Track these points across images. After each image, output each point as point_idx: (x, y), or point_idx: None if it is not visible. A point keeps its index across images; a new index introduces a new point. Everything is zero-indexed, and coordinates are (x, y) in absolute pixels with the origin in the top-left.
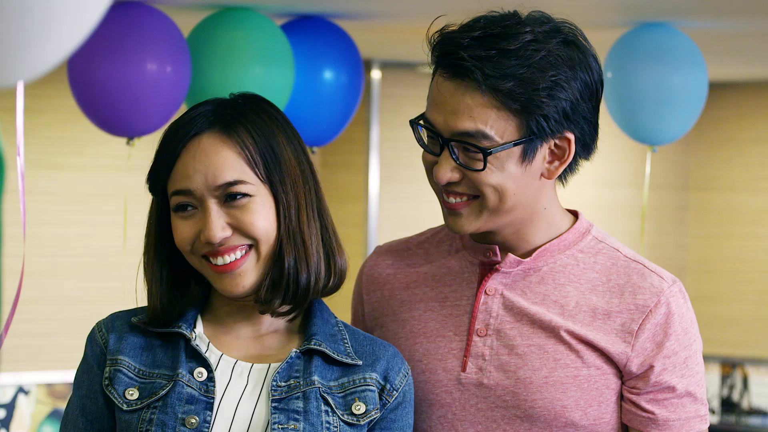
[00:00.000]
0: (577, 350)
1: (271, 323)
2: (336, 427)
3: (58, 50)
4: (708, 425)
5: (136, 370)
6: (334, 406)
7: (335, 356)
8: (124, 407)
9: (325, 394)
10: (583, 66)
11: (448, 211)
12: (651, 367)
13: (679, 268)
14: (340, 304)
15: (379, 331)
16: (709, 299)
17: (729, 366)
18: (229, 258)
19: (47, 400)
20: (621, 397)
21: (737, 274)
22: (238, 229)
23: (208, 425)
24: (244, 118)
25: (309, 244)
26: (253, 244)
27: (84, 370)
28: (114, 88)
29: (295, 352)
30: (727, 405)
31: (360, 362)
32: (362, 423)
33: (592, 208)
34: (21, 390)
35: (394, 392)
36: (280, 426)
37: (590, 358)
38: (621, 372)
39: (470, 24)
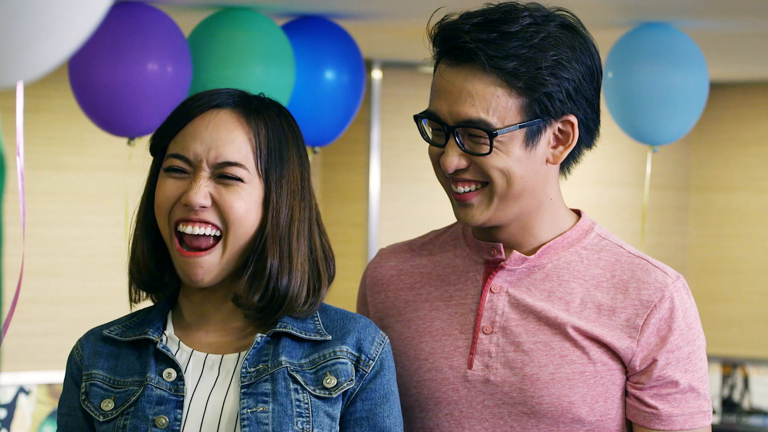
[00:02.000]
0: (583, 346)
1: (240, 315)
2: (306, 403)
3: (59, 50)
4: (711, 421)
5: (110, 381)
6: (303, 383)
7: (302, 335)
8: (101, 419)
9: (294, 373)
10: (584, 49)
11: (458, 202)
12: (654, 361)
13: (679, 268)
14: (341, 305)
15: (385, 332)
16: (709, 299)
17: (730, 366)
18: (198, 230)
19: (48, 400)
20: (626, 393)
21: (737, 274)
22: (217, 204)
23: (179, 423)
24: (266, 112)
25: (294, 256)
26: (222, 233)
27: (65, 389)
28: (115, 88)
29: (261, 337)
30: (728, 405)
31: (329, 337)
32: (334, 396)
33: (592, 208)
34: (22, 390)
35: (370, 362)
36: (249, 410)
37: (596, 354)
38: (626, 368)
39: (469, 12)
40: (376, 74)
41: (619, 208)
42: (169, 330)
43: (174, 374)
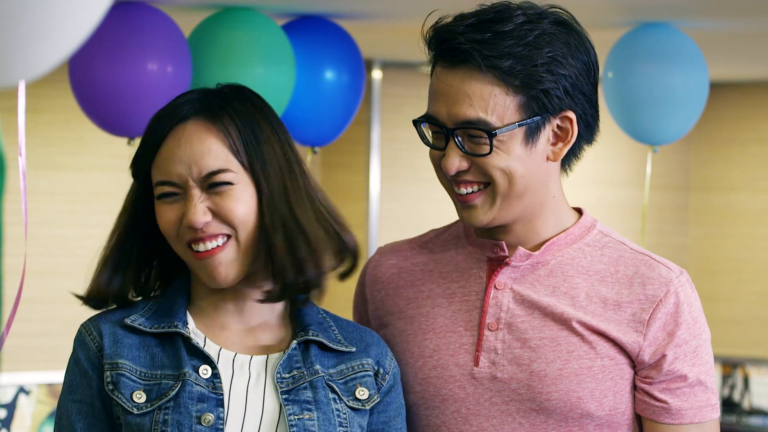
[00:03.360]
0: (590, 341)
1: (260, 316)
2: (345, 413)
3: (59, 50)
4: (718, 414)
5: (139, 373)
6: (339, 394)
7: (331, 345)
8: (134, 411)
9: (330, 382)
10: (579, 45)
11: (462, 204)
12: (663, 356)
13: None
14: (340, 304)
15: (385, 330)
16: (709, 299)
17: (730, 366)
18: (210, 245)
19: (48, 400)
20: (634, 387)
21: (737, 274)
22: (218, 215)
23: (222, 421)
24: (229, 106)
25: (304, 224)
26: (232, 234)
27: (77, 374)
28: (115, 88)
29: (295, 342)
30: (728, 405)
31: (353, 349)
32: (366, 408)
33: (592, 208)
34: (22, 390)
35: (387, 376)
36: (295, 417)
37: (603, 348)
38: (633, 362)
39: (463, 14)
40: (376, 74)
41: (619, 208)
42: (191, 324)
43: (209, 371)
